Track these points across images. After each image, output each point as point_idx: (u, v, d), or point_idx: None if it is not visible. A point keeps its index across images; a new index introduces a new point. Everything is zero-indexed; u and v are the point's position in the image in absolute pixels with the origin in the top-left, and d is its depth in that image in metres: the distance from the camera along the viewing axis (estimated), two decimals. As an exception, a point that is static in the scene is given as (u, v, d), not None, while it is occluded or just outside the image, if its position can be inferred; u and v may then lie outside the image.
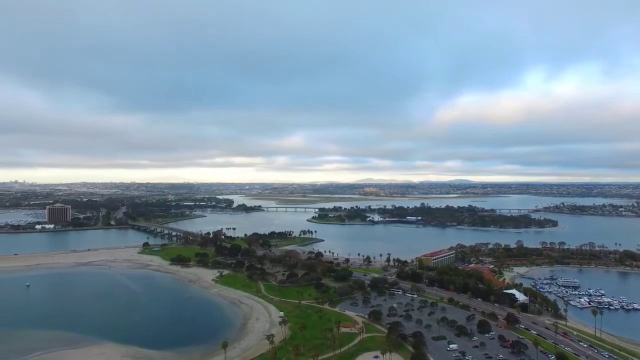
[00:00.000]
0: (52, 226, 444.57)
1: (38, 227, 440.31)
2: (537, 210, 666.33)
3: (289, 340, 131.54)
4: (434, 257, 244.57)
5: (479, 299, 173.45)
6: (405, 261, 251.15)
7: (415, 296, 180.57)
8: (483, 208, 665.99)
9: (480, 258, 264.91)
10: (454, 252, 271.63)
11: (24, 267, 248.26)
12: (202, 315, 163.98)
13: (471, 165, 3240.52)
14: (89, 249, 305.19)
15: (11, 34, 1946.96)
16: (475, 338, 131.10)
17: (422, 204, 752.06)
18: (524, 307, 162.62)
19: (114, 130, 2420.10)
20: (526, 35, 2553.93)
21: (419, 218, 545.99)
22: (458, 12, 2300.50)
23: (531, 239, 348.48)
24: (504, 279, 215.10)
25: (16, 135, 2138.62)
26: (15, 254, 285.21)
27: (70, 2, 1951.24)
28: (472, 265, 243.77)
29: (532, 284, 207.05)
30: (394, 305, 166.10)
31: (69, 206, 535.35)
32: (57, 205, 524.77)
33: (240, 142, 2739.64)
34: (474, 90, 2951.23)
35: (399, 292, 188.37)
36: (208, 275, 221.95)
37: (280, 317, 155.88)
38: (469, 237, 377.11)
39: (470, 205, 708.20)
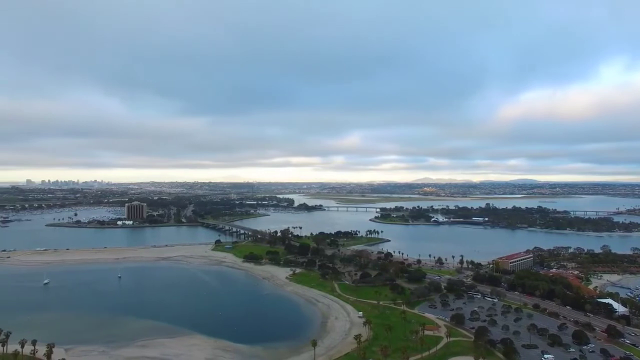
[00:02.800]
0: (130, 222, 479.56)
1: (119, 223, 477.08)
2: (619, 213, 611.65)
3: (373, 341, 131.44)
4: (510, 260, 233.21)
5: (568, 307, 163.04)
6: (480, 263, 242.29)
7: (496, 300, 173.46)
8: (555, 209, 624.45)
9: (562, 263, 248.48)
10: (531, 255, 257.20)
11: (113, 259, 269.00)
12: (281, 312, 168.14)
13: (536, 164, 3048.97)
14: (166, 245, 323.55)
15: (98, 46, 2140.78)
16: (572, 350, 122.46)
17: (487, 204, 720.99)
18: (626, 320, 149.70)
19: (180, 133, 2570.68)
20: (603, 24, 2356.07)
21: (486, 219, 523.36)
22: (524, 3, 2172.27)
23: (617, 244, 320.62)
24: (596, 287, 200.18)
25: (97, 138, 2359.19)
26: (105, 247, 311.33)
27: (144, 14, 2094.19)
28: (554, 270, 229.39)
29: (629, 294, 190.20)
30: (476, 309, 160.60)
31: (145, 204, 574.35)
32: (135, 203, 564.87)
33: (299, 143, 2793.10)
34: (540, 86, 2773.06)
35: (478, 296, 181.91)
36: (281, 273, 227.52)
37: (359, 316, 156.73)
38: (542, 240, 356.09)
39: (539, 206, 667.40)
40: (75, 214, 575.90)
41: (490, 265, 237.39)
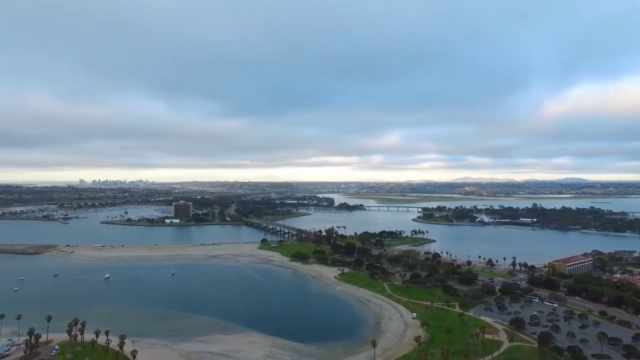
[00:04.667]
0: (177, 221, 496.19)
1: (167, 221, 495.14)
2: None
3: (430, 343, 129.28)
4: (568, 264, 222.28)
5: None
6: (533, 266, 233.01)
7: (555, 305, 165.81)
8: (610, 210, 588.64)
9: (627, 268, 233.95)
10: (590, 259, 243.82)
11: (165, 256, 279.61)
12: (332, 311, 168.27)
13: (585, 162, 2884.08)
14: (213, 243, 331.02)
15: (145, 53, 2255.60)
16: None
17: (534, 204, 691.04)
18: None
19: (220, 134, 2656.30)
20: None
21: (534, 220, 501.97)
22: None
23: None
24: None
25: (142, 140, 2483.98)
26: (157, 245, 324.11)
27: (187, 21, 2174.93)
28: (618, 275, 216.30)
29: None
30: (535, 313, 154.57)
31: (190, 203, 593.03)
32: (181, 202, 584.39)
33: (336, 142, 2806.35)
34: (589, 80, 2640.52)
35: (536, 300, 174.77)
36: (329, 272, 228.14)
37: (412, 317, 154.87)
38: (599, 242, 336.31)
39: (591, 207, 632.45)
40: (126, 212, 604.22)
41: (546, 268, 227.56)
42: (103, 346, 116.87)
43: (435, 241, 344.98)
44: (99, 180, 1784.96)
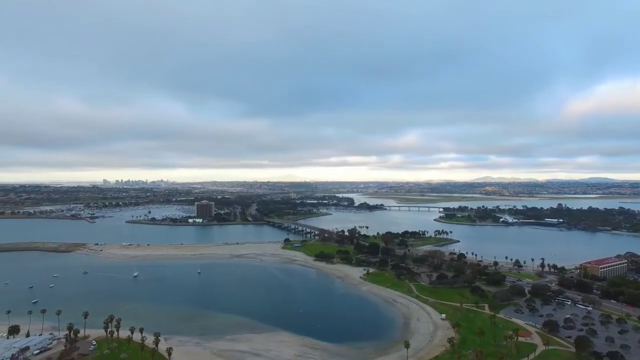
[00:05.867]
0: (200, 220, 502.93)
1: (190, 220, 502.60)
2: None
3: (461, 345, 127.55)
4: (601, 266, 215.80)
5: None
6: (563, 267, 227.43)
7: (590, 308, 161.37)
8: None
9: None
10: (625, 261, 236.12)
11: (190, 255, 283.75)
12: (360, 311, 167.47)
13: (611, 161, 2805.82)
14: (237, 243, 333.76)
15: (168, 55, 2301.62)
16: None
17: (559, 204, 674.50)
18: None
19: (240, 134, 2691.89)
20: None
21: (560, 220, 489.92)
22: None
23: None
24: None
25: (163, 141, 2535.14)
26: (182, 244, 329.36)
27: (210, 24, 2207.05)
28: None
29: None
30: (569, 316, 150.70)
31: (212, 203, 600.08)
32: (203, 202, 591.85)
33: (355, 142, 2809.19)
34: (616, 77, 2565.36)
35: (568, 303, 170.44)
36: (354, 272, 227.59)
37: (441, 318, 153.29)
38: (632, 244, 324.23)
39: (620, 207, 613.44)
40: (149, 212, 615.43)
41: (577, 270, 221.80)
42: (139, 343, 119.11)
43: (459, 241, 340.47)
44: (122, 180, 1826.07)
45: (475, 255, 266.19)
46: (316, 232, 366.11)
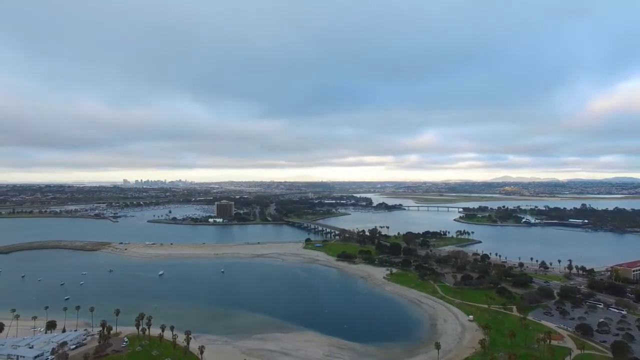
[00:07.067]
0: (220, 220, 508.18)
1: (210, 220, 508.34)
2: None
3: (490, 347, 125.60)
4: (633, 268, 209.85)
5: None
6: (592, 269, 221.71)
7: (624, 312, 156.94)
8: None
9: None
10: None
11: (213, 255, 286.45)
12: (385, 311, 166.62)
13: (636, 160, 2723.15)
14: (258, 242, 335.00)
15: (189, 57, 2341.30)
16: None
17: (583, 204, 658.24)
18: None
19: (257, 134, 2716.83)
20: None
21: (585, 221, 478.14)
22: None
23: None
24: None
25: (181, 141, 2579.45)
26: (204, 243, 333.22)
27: (229, 25, 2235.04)
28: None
29: None
30: (602, 320, 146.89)
31: (232, 202, 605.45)
32: (223, 202, 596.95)
33: (372, 142, 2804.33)
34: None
35: (600, 306, 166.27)
36: (377, 272, 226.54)
37: (469, 320, 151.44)
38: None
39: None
40: (170, 212, 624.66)
41: (607, 273, 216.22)
42: (169, 341, 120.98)
43: (481, 242, 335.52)
44: (141, 180, 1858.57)
45: (499, 256, 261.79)
46: (336, 232, 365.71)
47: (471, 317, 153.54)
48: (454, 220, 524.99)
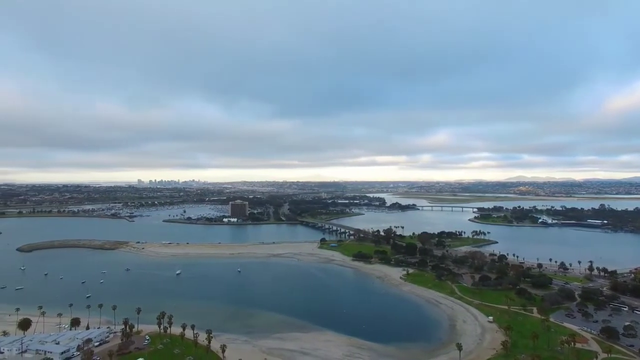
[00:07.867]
0: (235, 220, 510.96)
1: (225, 220, 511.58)
2: None
3: (512, 349, 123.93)
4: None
5: None
6: (615, 271, 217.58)
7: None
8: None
9: None
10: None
11: (229, 254, 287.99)
12: (403, 312, 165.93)
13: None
14: (273, 242, 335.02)
15: (204, 58, 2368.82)
16: None
17: (602, 205, 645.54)
18: None
19: (270, 134, 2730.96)
20: None
21: (605, 222, 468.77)
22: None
23: None
24: None
25: (195, 142, 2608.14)
26: (219, 243, 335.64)
27: (243, 26, 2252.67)
28: None
29: None
30: (628, 323, 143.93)
31: (246, 202, 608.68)
32: (237, 201, 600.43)
33: (385, 142, 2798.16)
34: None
35: (625, 309, 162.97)
36: (393, 272, 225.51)
37: (489, 321, 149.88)
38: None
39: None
40: (184, 211, 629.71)
41: (631, 275, 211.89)
42: (191, 340, 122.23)
43: (497, 242, 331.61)
44: (155, 180, 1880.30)
45: (517, 256, 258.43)
46: (351, 232, 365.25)
47: (491, 318, 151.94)
48: (469, 220, 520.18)
